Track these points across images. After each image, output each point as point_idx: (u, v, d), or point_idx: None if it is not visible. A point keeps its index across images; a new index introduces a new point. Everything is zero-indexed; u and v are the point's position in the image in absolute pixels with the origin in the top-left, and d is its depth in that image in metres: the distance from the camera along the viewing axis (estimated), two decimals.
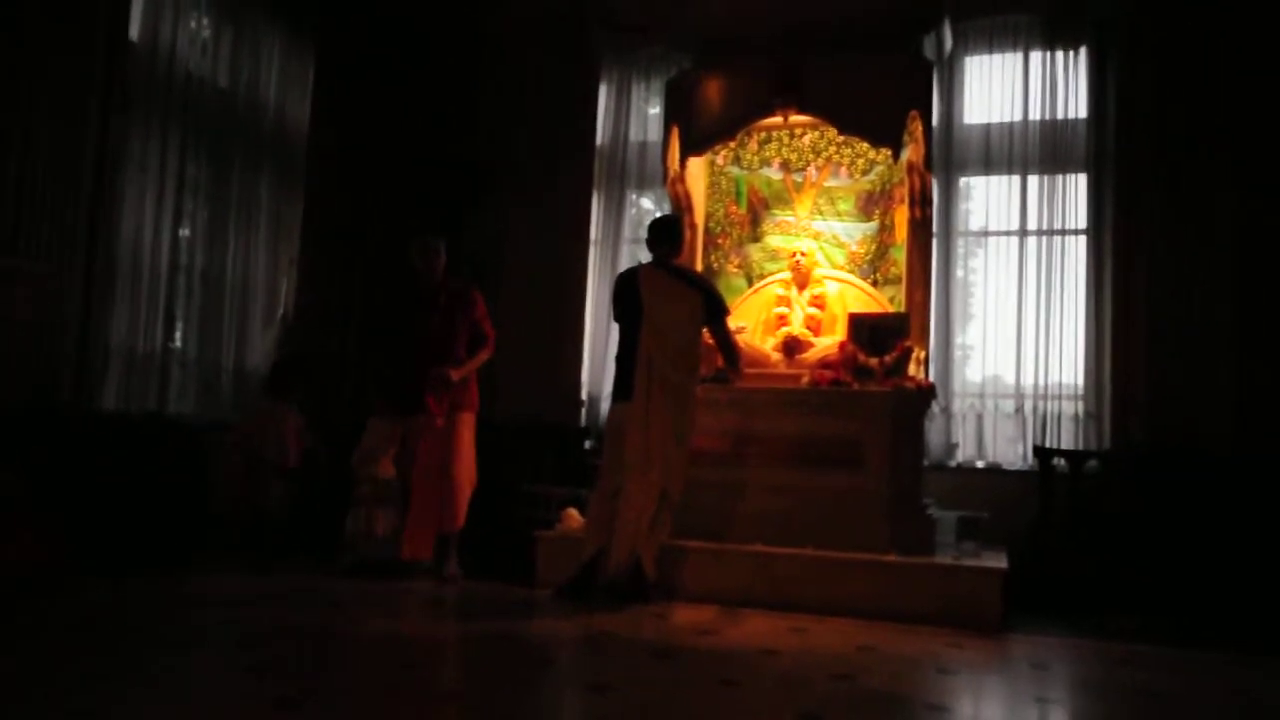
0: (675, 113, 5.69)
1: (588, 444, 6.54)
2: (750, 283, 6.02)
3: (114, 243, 5.36)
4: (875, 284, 5.79)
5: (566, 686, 3.22)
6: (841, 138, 5.70)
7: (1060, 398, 6.05)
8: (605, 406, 5.87)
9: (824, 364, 5.31)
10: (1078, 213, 6.13)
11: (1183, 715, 3.10)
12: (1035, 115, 6.20)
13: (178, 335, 5.95)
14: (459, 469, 5.08)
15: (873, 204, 5.91)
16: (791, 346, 5.53)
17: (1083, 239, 6.11)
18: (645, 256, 5.11)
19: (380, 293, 5.95)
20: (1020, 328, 6.14)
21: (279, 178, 6.65)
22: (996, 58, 6.39)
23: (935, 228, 5.86)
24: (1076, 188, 6.15)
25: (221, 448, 5.53)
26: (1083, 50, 6.18)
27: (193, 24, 5.93)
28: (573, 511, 5.18)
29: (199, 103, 5.93)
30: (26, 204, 4.77)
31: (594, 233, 7.00)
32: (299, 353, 6.24)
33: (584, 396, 6.82)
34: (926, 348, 5.43)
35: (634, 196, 7.26)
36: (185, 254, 5.95)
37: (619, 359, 4.79)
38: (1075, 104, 6.18)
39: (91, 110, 5.13)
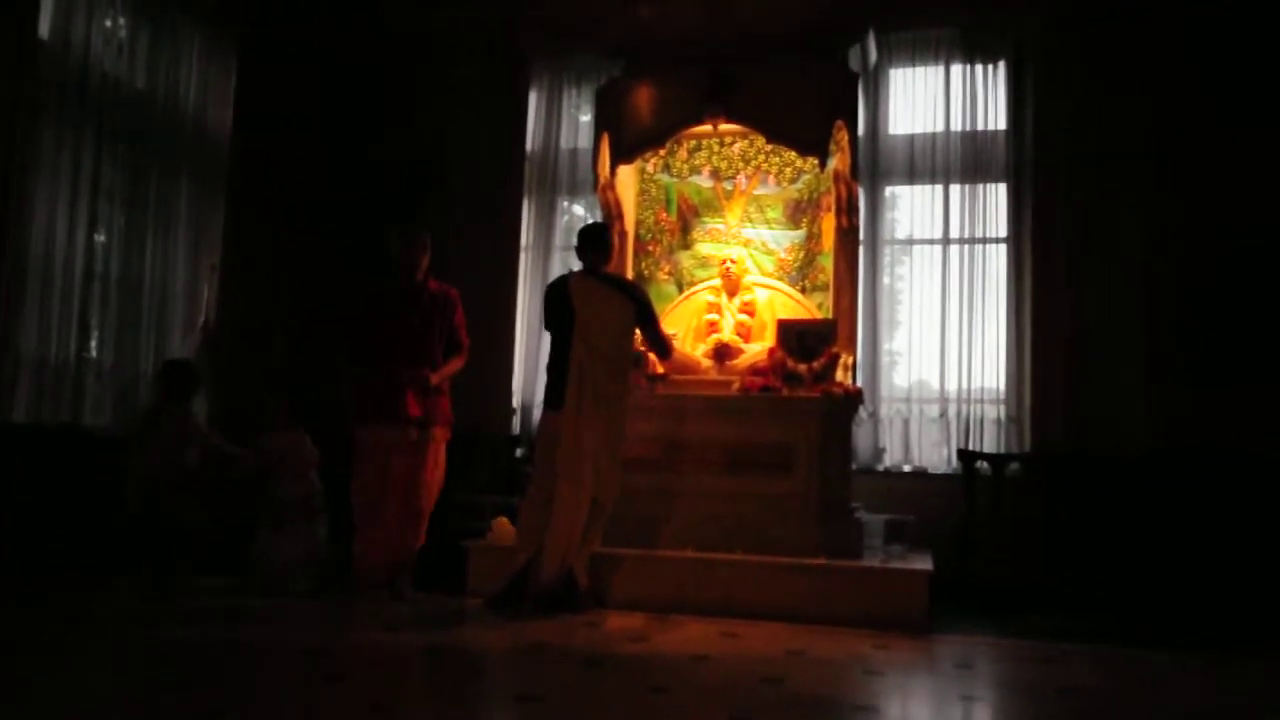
0: (605, 120, 5.68)
1: (519, 452, 6.50)
2: (681, 290, 6.04)
3: (23, 248, 5.20)
4: (804, 291, 5.85)
5: (497, 697, 3.19)
6: (770, 146, 5.76)
7: (983, 402, 6.18)
8: (537, 414, 5.83)
9: (754, 370, 5.34)
10: (998, 221, 6.27)
11: (1104, 711, 3.17)
12: (957, 126, 6.33)
13: (93, 344, 5.79)
14: (430, 489, 4.83)
15: (801, 212, 5.97)
16: (722, 353, 5.56)
17: (1003, 247, 6.26)
18: (577, 264, 5.09)
19: (353, 288, 5.29)
20: (944, 334, 6.27)
21: (199, 182, 6.52)
22: (919, 70, 6.51)
23: (862, 236, 5.94)
24: (997, 197, 6.29)
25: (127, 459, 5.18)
26: (1001, 64, 6.33)
27: (108, 22, 5.77)
28: (503, 521, 5.12)
29: (115, 104, 5.79)
30: None
31: (525, 239, 6.97)
32: (186, 357, 5.91)
33: (515, 404, 6.78)
34: (854, 354, 5.49)
35: (566, 203, 7.24)
36: (100, 260, 5.79)
37: (550, 367, 4.76)
38: (995, 116, 6.33)
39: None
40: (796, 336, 5.36)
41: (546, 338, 5.27)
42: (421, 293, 4.88)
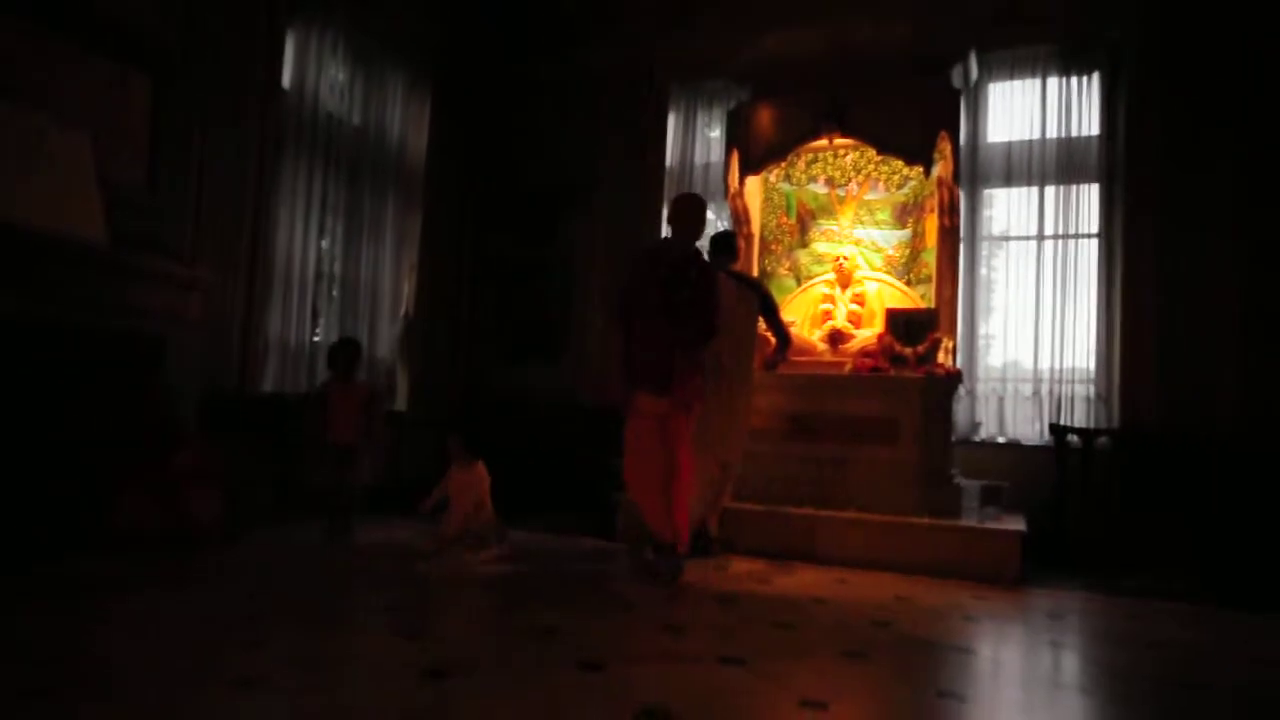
0: (734, 138, 5.71)
1: None
2: (799, 283, 6.02)
3: (270, 255, 5.50)
4: (909, 283, 5.75)
5: (646, 626, 3.27)
6: (879, 157, 5.66)
7: (1074, 381, 5.89)
8: None
9: (864, 353, 5.30)
10: (1090, 219, 5.94)
11: (1182, 661, 3.06)
12: (1052, 134, 6.02)
13: (321, 329, 6.07)
14: (686, 460, 4.13)
15: (906, 214, 5.85)
16: (836, 338, 5.53)
17: (1094, 242, 5.92)
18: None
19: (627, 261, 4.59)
20: (1037, 319, 5.99)
21: (402, 197, 6.76)
22: (1017, 84, 6.21)
23: (961, 233, 5.76)
24: (1089, 197, 5.95)
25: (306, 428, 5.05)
26: (1095, 75, 5.97)
27: (332, 72, 6.04)
28: None
29: (337, 138, 6.07)
30: (203, 225, 4.96)
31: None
32: (349, 336, 5.54)
33: None
34: (954, 338, 5.37)
35: None
36: (326, 263, 6.08)
37: None
38: (1088, 123, 5.98)
39: (252, 147, 5.30)
40: (903, 323, 5.28)
41: None
42: (689, 267, 4.19)
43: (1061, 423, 5.66)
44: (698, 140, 7.01)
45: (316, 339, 6.04)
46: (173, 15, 4.69)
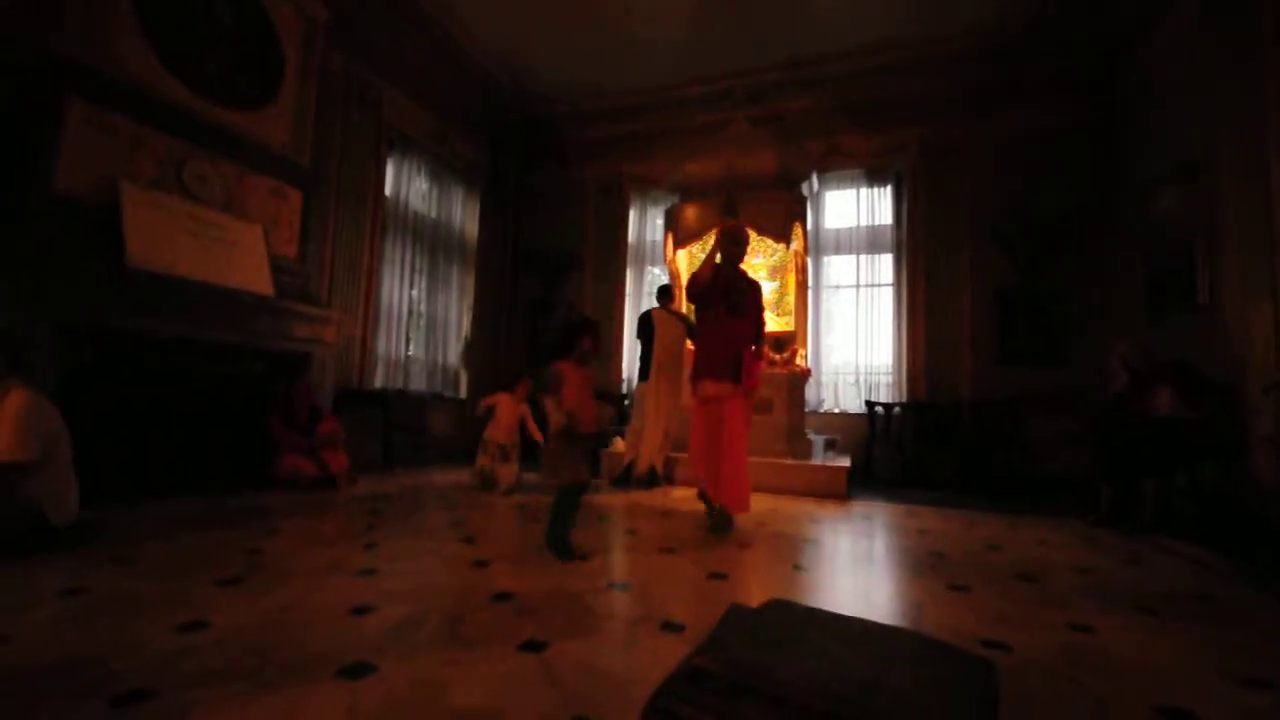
0: (670, 225, 5.75)
1: (626, 402, 6.64)
2: None
3: (379, 299, 5.46)
4: (779, 315, 5.83)
5: (616, 529, 3.28)
6: (759, 237, 5.72)
7: (879, 373, 6.02)
8: (634, 383, 5.95)
9: None
10: (887, 275, 6.07)
11: (939, 540, 3.16)
12: (864, 223, 6.17)
13: (412, 347, 6.04)
14: (739, 441, 3.23)
15: (777, 272, 5.92)
16: None
17: (890, 289, 6.09)
18: (654, 303, 5.18)
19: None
20: (857, 336, 6.10)
21: (462, 263, 6.70)
22: (842, 191, 6.34)
23: (810, 284, 5.88)
24: (886, 261, 6.11)
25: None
26: (888, 187, 6.14)
27: (417, 184, 6.00)
28: (619, 439, 5.24)
29: (420, 227, 6.01)
30: (335, 282, 4.92)
31: (628, 288, 7.07)
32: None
33: (624, 376, 6.90)
34: (806, 348, 5.47)
35: (649, 269, 7.30)
36: (415, 304, 6.03)
37: (642, 358, 4.82)
38: (885, 216, 6.14)
39: (366, 232, 5.25)
40: (774, 341, 5.37)
41: (638, 344, 5.32)
42: (741, 279, 3.35)
43: (871, 399, 5.79)
44: (648, 226, 7.03)
45: (410, 353, 6.00)
46: (315, 152, 4.64)
